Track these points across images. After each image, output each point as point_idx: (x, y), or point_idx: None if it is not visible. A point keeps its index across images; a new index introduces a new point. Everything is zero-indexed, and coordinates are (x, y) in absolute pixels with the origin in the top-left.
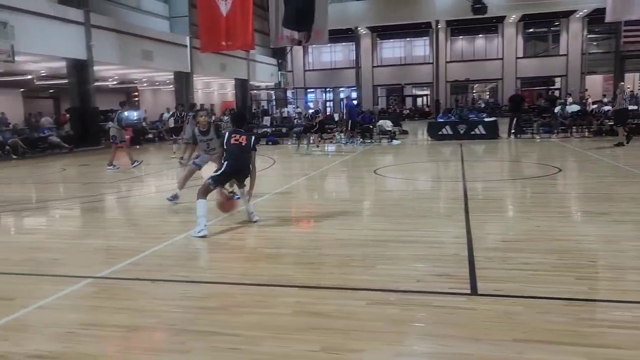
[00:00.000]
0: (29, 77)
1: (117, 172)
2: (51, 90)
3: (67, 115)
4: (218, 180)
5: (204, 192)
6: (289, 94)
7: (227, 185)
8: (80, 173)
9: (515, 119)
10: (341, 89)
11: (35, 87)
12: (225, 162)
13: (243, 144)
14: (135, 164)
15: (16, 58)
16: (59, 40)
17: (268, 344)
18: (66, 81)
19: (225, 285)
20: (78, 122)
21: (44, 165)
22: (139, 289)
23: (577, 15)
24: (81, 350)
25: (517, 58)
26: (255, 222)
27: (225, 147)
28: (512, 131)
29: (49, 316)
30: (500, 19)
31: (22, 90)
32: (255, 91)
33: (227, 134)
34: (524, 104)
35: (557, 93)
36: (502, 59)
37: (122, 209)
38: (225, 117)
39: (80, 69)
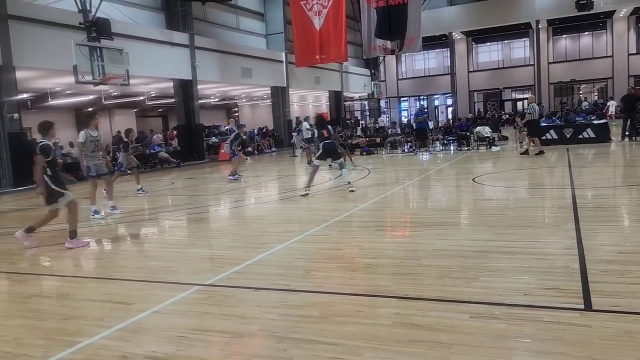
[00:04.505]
0: (141, 97)
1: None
2: (160, 109)
3: (175, 132)
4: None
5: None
6: (382, 103)
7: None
8: (187, 186)
9: (629, 120)
10: (435, 96)
11: (147, 107)
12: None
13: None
14: (231, 177)
15: (130, 81)
16: (167, 63)
17: (369, 354)
18: (173, 100)
19: (324, 294)
20: (184, 138)
21: (155, 179)
22: (242, 296)
23: None
24: (192, 354)
25: (629, 55)
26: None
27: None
28: (627, 133)
29: (163, 320)
30: (609, 14)
31: (135, 110)
32: (348, 102)
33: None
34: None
35: None
36: (611, 56)
37: (226, 220)
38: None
39: (185, 88)
